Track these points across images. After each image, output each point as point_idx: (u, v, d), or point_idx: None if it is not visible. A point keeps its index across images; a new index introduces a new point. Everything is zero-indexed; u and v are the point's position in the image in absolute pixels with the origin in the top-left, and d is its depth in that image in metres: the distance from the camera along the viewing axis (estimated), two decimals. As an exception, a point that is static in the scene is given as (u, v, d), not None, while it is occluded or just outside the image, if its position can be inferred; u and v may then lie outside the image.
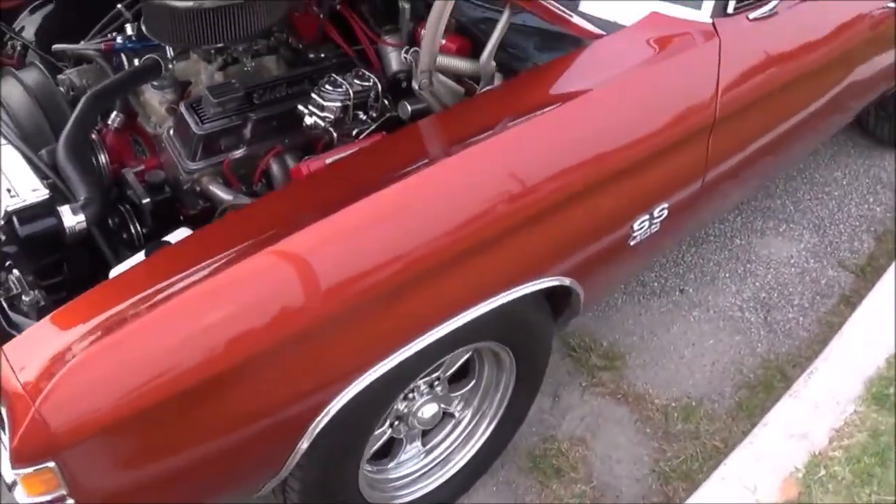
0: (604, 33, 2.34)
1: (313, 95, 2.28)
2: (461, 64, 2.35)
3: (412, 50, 2.38)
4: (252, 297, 1.66)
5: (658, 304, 3.17)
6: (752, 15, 2.47)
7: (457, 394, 2.40)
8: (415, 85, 2.23)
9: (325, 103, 2.26)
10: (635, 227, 2.28)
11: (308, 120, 2.27)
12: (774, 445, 2.55)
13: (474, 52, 2.43)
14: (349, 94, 2.27)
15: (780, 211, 3.64)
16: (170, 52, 2.42)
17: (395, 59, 2.54)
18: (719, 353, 3.02)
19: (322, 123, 2.26)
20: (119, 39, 2.52)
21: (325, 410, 1.82)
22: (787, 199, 3.72)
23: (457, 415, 2.45)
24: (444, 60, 2.28)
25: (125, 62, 2.47)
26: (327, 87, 2.29)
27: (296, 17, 2.63)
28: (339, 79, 2.29)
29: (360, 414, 1.97)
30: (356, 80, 2.31)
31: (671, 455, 2.71)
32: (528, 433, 2.71)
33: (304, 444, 1.84)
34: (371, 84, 2.31)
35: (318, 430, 1.83)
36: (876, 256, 3.46)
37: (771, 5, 2.50)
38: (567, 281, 2.21)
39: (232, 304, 1.64)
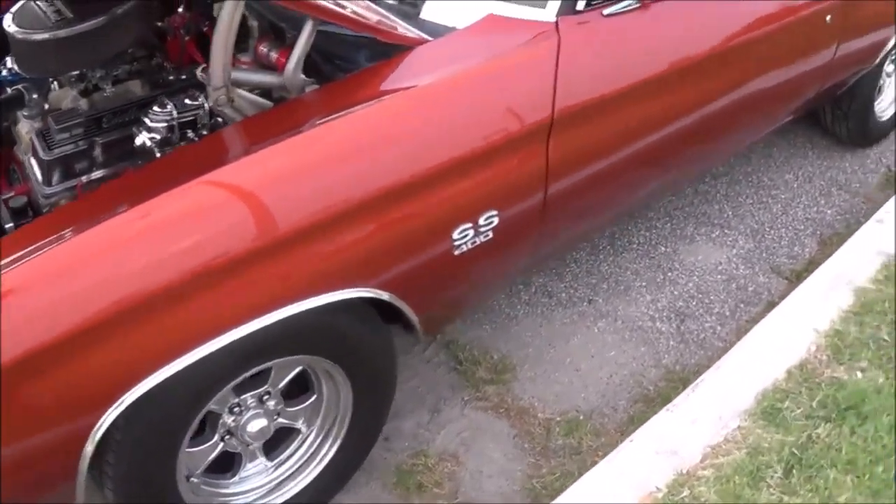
0: (429, 39, 2.28)
1: (142, 117, 2.30)
2: (263, 77, 2.31)
3: (202, 66, 2.37)
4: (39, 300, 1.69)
5: (562, 315, 3.05)
6: (608, 10, 2.37)
7: (295, 409, 2.35)
8: (209, 103, 2.22)
9: (152, 124, 2.28)
10: (456, 236, 2.19)
11: (138, 140, 2.29)
12: (638, 462, 2.42)
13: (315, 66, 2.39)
14: (173, 115, 2.28)
15: (716, 216, 3.48)
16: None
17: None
18: (619, 365, 2.88)
19: (149, 143, 2.27)
20: (3, 72, 2.60)
21: (118, 402, 1.78)
22: (726, 204, 3.54)
23: (303, 430, 2.40)
24: (241, 75, 2.25)
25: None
26: (155, 108, 2.30)
27: (167, 39, 2.66)
28: (167, 100, 2.30)
29: (159, 416, 1.94)
30: (187, 101, 2.31)
31: (546, 471, 2.58)
32: (400, 448, 2.63)
33: (88, 446, 1.82)
34: (199, 104, 2.31)
35: (107, 423, 1.81)
36: (816, 261, 3.25)
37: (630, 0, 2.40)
38: (385, 295, 2.14)
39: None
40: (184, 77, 2.55)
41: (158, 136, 2.25)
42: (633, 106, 2.43)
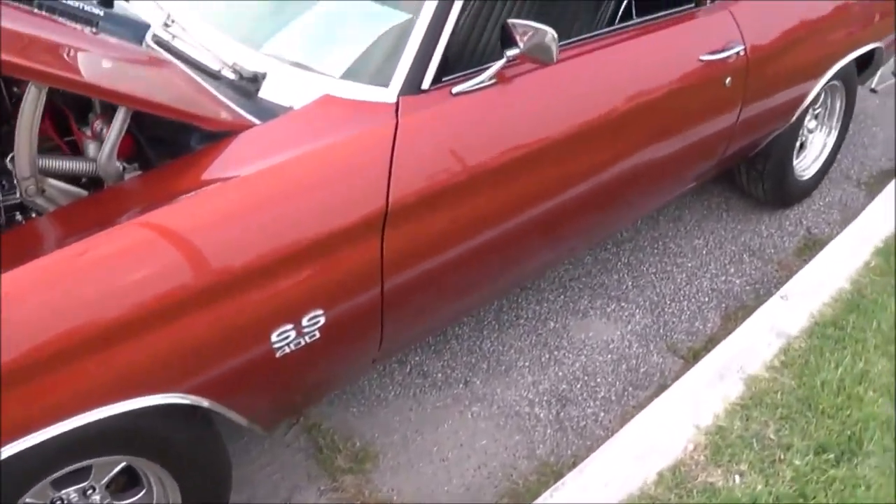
0: (257, 122, 2.09)
1: None
2: (75, 165, 2.12)
3: (10, 156, 2.18)
4: None
5: (435, 398, 2.86)
6: (457, 89, 2.19)
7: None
8: (19, 193, 2.03)
9: None
10: (275, 338, 2.00)
11: None
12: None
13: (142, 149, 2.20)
14: None
15: (614, 287, 3.28)
16: None
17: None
18: (490, 456, 2.68)
19: None
20: None
21: None
22: (626, 274, 3.35)
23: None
24: (51, 163, 2.07)
25: None
26: None
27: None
28: None
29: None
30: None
31: (393, 578, 2.40)
32: (249, 541, 2.45)
33: None
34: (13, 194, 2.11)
35: None
36: (717, 338, 3.05)
37: (484, 76, 2.21)
38: (204, 402, 1.95)
39: None
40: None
41: None
42: (487, 190, 2.24)
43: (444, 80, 2.16)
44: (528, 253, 2.52)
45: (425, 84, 2.12)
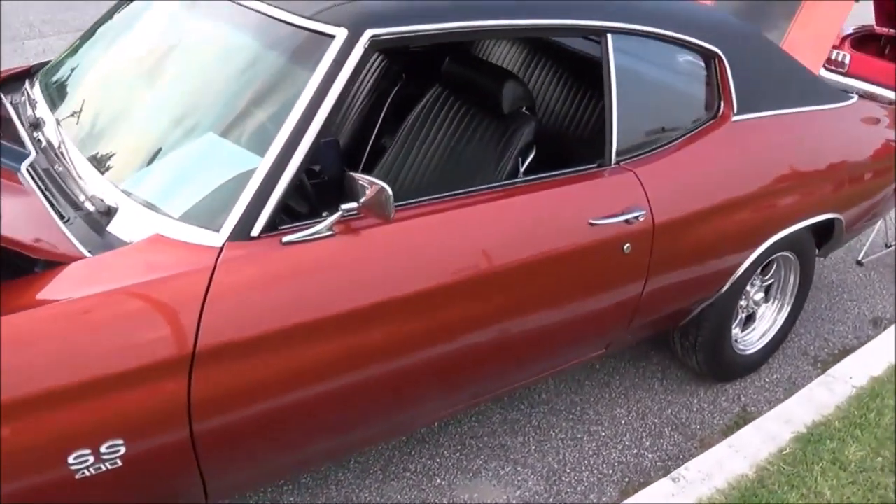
0: (86, 255, 2.08)
1: None
2: None
3: None
4: None
5: (291, 550, 2.72)
6: (287, 238, 2.14)
7: None
8: None
9: None
10: (72, 460, 1.93)
11: None
12: None
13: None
14: None
15: (515, 449, 3.11)
16: None
17: None
18: None
19: None
20: None
21: None
22: (533, 437, 3.18)
23: None
24: None
25: None
26: None
27: None
28: None
29: None
30: None
31: None
32: None
33: None
34: None
35: None
36: (609, 518, 2.87)
37: (319, 227, 2.16)
38: None
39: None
40: None
41: None
42: (317, 343, 2.16)
43: (280, 228, 2.11)
44: (377, 409, 2.40)
45: (255, 231, 2.09)
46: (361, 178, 2.13)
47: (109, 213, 2.20)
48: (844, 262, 4.52)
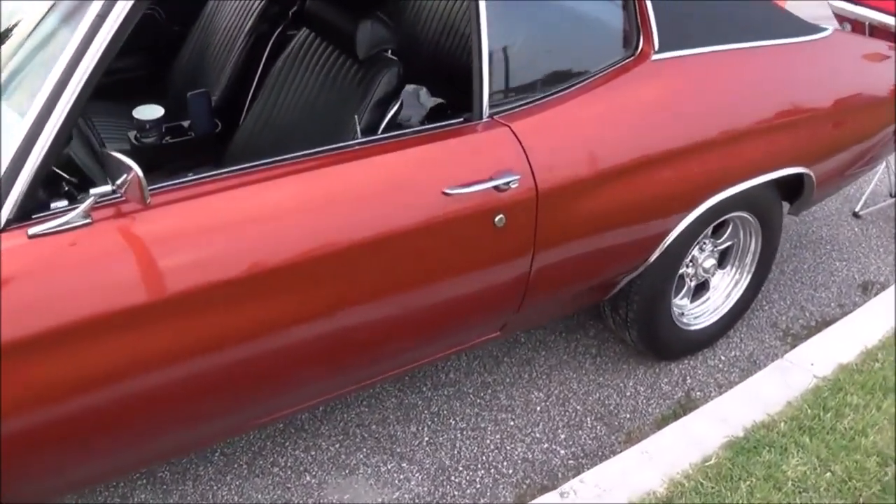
0: None
1: None
2: None
3: None
4: None
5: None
6: (35, 230, 1.77)
7: None
8: None
9: None
10: None
11: None
12: None
13: None
14: None
15: (405, 441, 2.72)
16: None
17: None
18: None
19: None
20: None
21: None
22: (427, 426, 2.78)
23: None
24: None
25: None
26: None
27: None
28: None
29: None
30: None
31: None
32: None
33: None
34: None
35: None
36: (499, 525, 2.49)
37: (72, 215, 1.78)
38: None
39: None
40: None
41: None
42: (90, 344, 1.81)
43: (34, 216, 1.75)
44: (190, 411, 2.05)
45: (3, 215, 1.73)
46: (116, 157, 1.74)
47: None
48: (839, 214, 3.95)
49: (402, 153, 2.17)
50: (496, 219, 2.22)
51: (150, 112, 2.81)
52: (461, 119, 2.26)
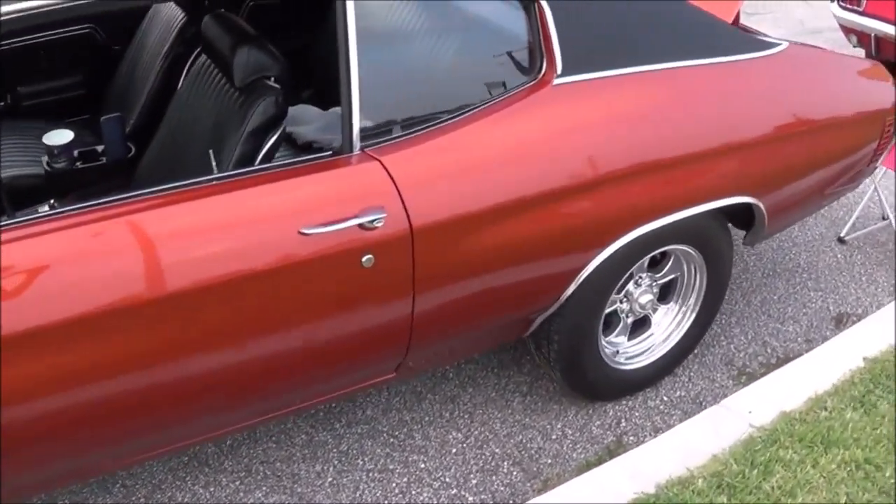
0: None
1: None
2: None
3: None
4: None
5: None
6: None
7: None
8: None
9: None
10: None
11: None
12: None
13: None
14: None
15: (307, 481, 2.55)
16: None
17: None
18: None
19: None
20: None
21: None
22: (334, 465, 2.61)
23: None
24: None
25: None
26: None
27: None
28: None
29: None
30: None
31: None
32: None
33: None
34: None
35: None
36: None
37: None
38: None
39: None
40: None
41: None
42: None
43: None
44: (69, 443, 1.98)
45: None
46: None
47: None
48: (822, 239, 3.67)
49: (262, 189, 2.05)
50: (363, 259, 2.08)
51: (59, 137, 2.75)
52: (329, 152, 2.12)
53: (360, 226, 2.04)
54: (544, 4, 2.27)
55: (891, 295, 3.36)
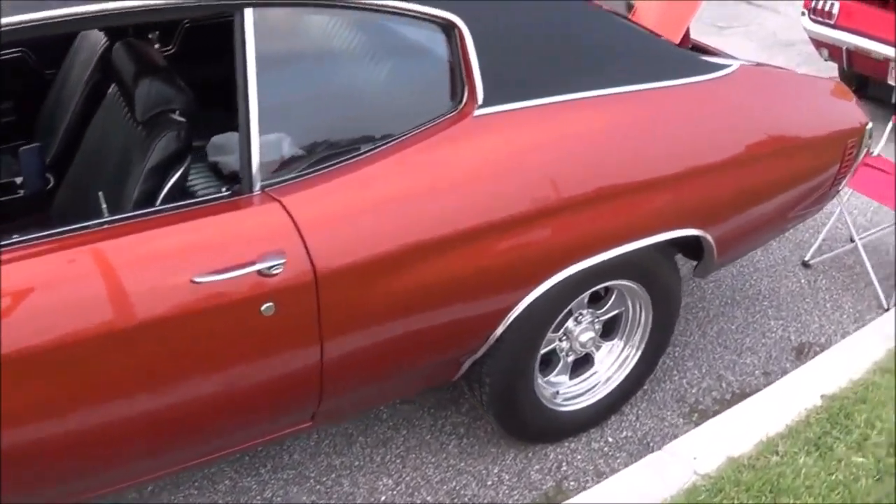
0: None
1: None
2: None
3: None
4: None
5: None
6: None
7: None
8: None
9: None
10: None
11: None
12: None
13: None
14: None
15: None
16: None
17: None
18: None
19: None
20: None
21: None
22: None
23: None
24: None
25: None
26: None
27: None
28: None
29: None
30: None
31: None
32: None
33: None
34: None
35: None
36: None
37: None
38: None
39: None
40: None
41: None
42: None
43: None
44: None
45: None
46: None
47: None
48: (786, 263, 3.52)
49: (153, 233, 1.90)
50: (262, 307, 1.93)
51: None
52: (228, 192, 1.98)
53: (259, 272, 1.90)
54: (464, 30, 2.12)
55: (856, 322, 3.21)
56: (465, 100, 2.16)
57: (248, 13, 1.90)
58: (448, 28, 2.13)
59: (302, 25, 2.05)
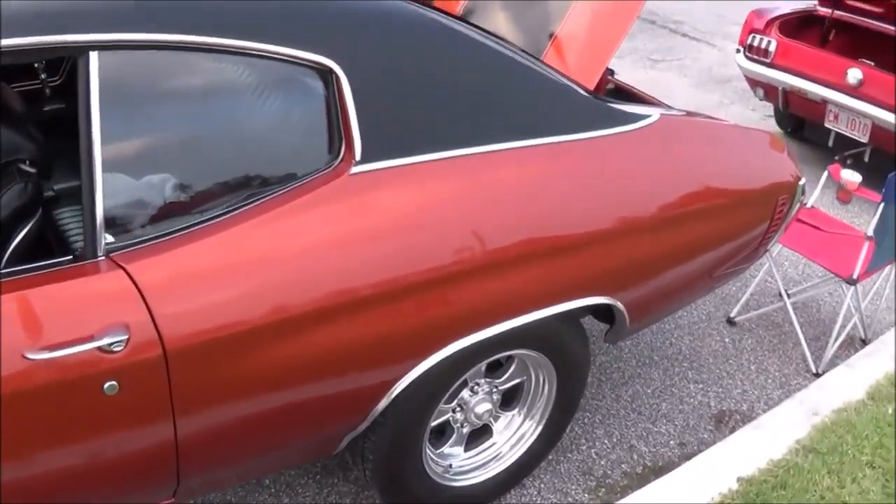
0: None
1: None
2: None
3: None
4: None
5: None
6: None
7: None
8: None
9: None
10: None
11: None
12: None
13: None
14: None
15: None
16: None
17: None
18: None
19: None
20: None
21: None
22: None
23: None
24: None
25: None
26: None
27: None
28: None
29: None
30: None
31: None
32: None
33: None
34: None
35: None
36: None
37: None
38: None
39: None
40: None
41: None
42: None
43: None
44: None
45: None
46: None
47: None
48: (710, 320, 3.37)
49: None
50: (105, 386, 1.73)
51: None
52: (69, 257, 1.77)
53: (99, 349, 1.69)
54: (342, 77, 1.93)
55: (781, 387, 3.06)
56: (342, 155, 1.97)
57: (94, 57, 1.70)
58: (325, 74, 1.93)
59: (157, 71, 1.84)
